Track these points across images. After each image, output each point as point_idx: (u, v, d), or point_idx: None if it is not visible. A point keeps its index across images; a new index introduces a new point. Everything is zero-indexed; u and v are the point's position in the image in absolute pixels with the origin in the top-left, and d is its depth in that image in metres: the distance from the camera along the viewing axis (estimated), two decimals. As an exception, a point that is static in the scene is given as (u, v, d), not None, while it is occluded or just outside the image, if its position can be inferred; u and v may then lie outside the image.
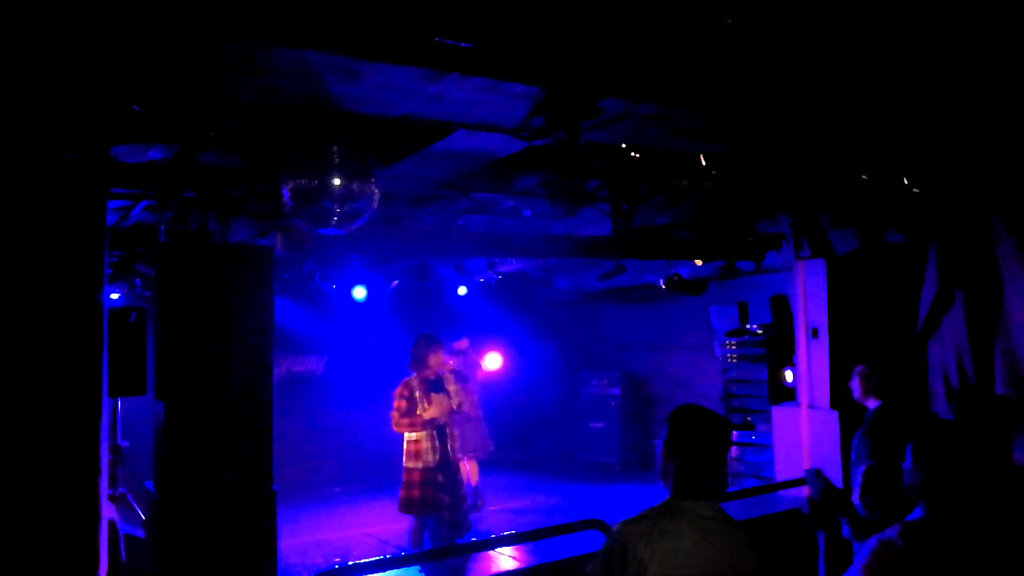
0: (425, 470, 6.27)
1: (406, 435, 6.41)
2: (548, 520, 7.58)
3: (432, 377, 6.54)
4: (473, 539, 6.11)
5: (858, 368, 5.07)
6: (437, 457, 6.32)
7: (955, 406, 3.40)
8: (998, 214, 5.87)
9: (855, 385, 5.08)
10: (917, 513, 2.43)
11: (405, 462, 6.37)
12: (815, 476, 3.16)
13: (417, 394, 6.41)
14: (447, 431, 6.48)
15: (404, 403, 6.39)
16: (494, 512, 8.58)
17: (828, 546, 3.03)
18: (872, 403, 4.98)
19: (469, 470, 8.08)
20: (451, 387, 6.64)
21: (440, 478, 6.30)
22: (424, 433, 6.32)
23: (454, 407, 6.57)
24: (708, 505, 2.49)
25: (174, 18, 2.70)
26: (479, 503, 8.12)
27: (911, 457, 2.50)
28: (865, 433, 4.90)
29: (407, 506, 6.30)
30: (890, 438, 4.68)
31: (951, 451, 2.43)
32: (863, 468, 4.81)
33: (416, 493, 6.25)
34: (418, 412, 6.32)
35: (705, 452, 2.53)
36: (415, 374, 6.54)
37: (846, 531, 3.16)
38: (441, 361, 6.69)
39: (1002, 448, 3.22)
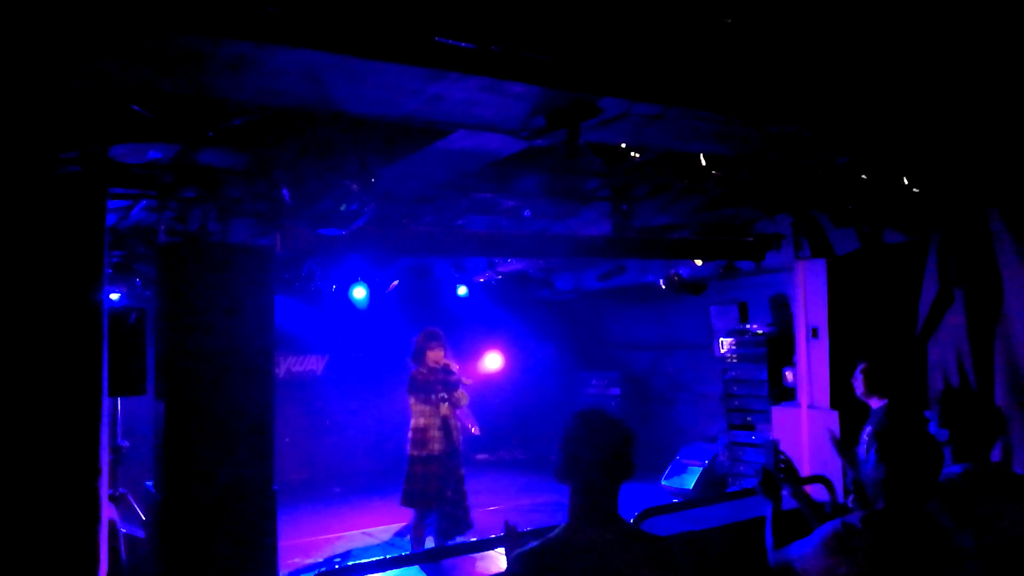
0: (430, 459, 6.35)
1: (413, 423, 6.51)
2: (549, 520, 7.56)
3: (436, 369, 6.68)
4: (473, 539, 6.12)
5: (861, 365, 5.05)
6: (442, 447, 6.41)
7: (938, 410, 3.42)
8: (998, 214, 5.87)
9: (858, 382, 5.06)
10: (879, 505, 2.61)
11: (410, 450, 6.43)
12: (772, 447, 3.24)
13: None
14: (451, 423, 6.59)
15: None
16: (495, 512, 8.57)
17: (774, 514, 3.12)
18: (875, 402, 4.95)
19: None
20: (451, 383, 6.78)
21: (443, 470, 6.37)
22: (433, 421, 6.45)
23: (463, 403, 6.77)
24: (618, 529, 2.21)
25: (174, 18, 2.70)
26: None
27: (874, 454, 2.65)
28: (876, 434, 4.86)
29: (409, 498, 6.36)
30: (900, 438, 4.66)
31: (912, 452, 2.60)
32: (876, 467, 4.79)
33: (419, 485, 6.32)
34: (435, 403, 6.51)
35: (608, 469, 2.19)
36: (417, 367, 6.70)
37: (789, 503, 3.26)
38: (439, 356, 6.77)
39: (982, 449, 3.27)
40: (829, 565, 2.51)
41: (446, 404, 6.64)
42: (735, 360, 8.84)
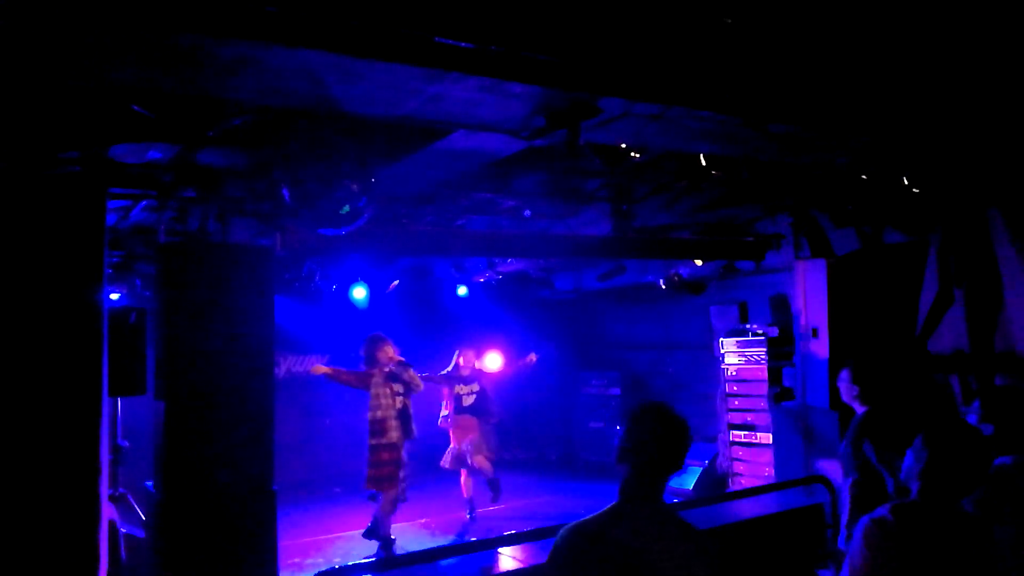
0: (389, 446, 7.23)
1: (371, 415, 7.37)
2: (549, 519, 7.58)
3: (387, 370, 7.48)
4: (473, 539, 6.13)
5: (842, 372, 5.00)
6: (399, 435, 7.31)
7: (979, 403, 3.39)
8: (998, 214, 5.87)
9: (841, 388, 5.01)
10: (910, 497, 2.59)
11: (371, 439, 7.28)
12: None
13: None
14: (408, 413, 7.48)
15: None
16: (495, 511, 8.57)
17: None
18: (859, 408, 4.88)
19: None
20: (407, 374, 7.54)
21: (401, 456, 7.30)
22: (390, 413, 7.33)
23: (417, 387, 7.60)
24: (658, 509, 2.40)
25: (174, 18, 2.70)
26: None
27: (920, 440, 2.62)
28: (848, 444, 4.79)
29: (376, 482, 7.21)
30: (875, 448, 4.57)
31: (959, 443, 2.56)
32: (848, 482, 4.72)
33: (385, 471, 7.19)
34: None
35: (664, 456, 2.38)
36: (368, 369, 7.50)
37: None
38: (392, 353, 7.52)
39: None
40: (868, 560, 2.49)
41: (401, 398, 7.47)
42: (735, 360, 8.84)
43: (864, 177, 5.77)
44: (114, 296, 7.84)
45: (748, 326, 8.88)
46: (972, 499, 2.69)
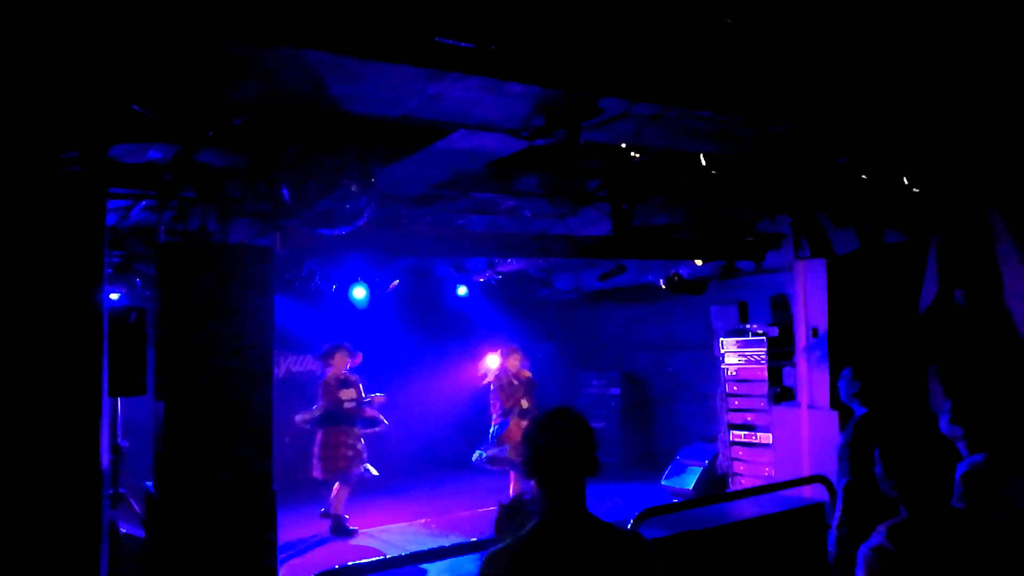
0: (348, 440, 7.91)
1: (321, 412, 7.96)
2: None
3: (341, 376, 8.17)
4: (473, 539, 6.12)
5: (844, 371, 4.98)
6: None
7: (951, 405, 3.43)
8: (998, 213, 5.87)
9: (841, 387, 4.99)
10: (901, 515, 2.53)
11: (335, 435, 7.89)
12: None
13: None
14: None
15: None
16: (495, 512, 8.56)
17: None
18: (858, 409, 4.87)
19: None
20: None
21: (359, 446, 7.94)
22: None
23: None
24: (582, 522, 2.20)
25: (174, 18, 2.70)
26: None
27: (880, 464, 2.59)
28: (845, 444, 4.78)
29: (336, 470, 7.80)
30: (870, 451, 4.53)
31: (917, 457, 2.53)
32: (843, 483, 4.71)
33: (343, 463, 7.81)
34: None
35: (565, 463, 2.20)
36: (331, 371, 8.15)
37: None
38: (342, 362, 8.16)
39: (1002, 443, 3.26)
40: None
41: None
42: (735, 360, 8.84)
43: (864, 177, 5.77)
44: (114, 296, 7.84)
45: (748, 326, 8.88)
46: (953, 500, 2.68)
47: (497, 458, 8.27)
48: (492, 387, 8.51)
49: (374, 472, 8.12)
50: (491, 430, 8.43)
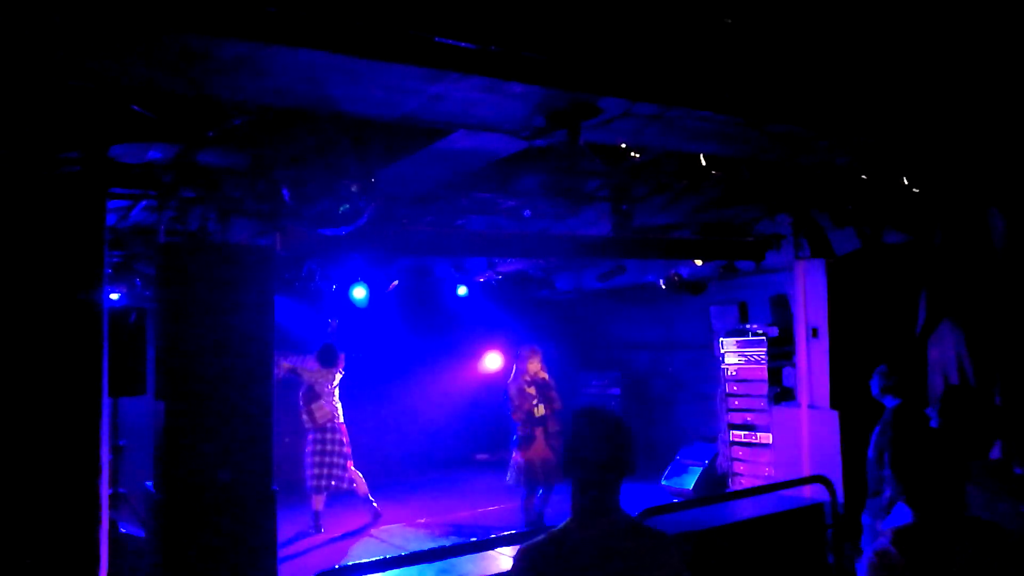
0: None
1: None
2: (549, 520, 7.58)
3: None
4: (473, 539, 6.13)
5: (879, 368, 5.11)
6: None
7: (939, 407, 3.45)
8: (998, 213, 5.87)
9: (874, 383, 5.10)
10: (907, 519, 2.45)
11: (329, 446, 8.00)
12: None
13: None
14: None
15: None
16: (495, 512, 8.58)
17: None
18: (890, 402, 4.99)
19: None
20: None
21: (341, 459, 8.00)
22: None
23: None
24: (614, 522, 2.24)
25: (175, 18, 2.70)
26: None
27: (888, 468, 2.52)
28: (883, 436, 4.89)
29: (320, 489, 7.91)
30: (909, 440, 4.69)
31: (925, 461, 2.45)
32: (887, 474, 4.77)
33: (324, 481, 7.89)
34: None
35: (605, 464, 2.22)
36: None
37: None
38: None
39: (982, 448, 3.26)
40: None
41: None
42: (735, 360, 8.84)
43: (864, 177, 5.77)
44: (114, 296, 7.84)
45: (748, 326, 8.88)
46: None
47: (513, 473, 7.74)
48: (509, 392, 7.92)
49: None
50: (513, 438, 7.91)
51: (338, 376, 8.32)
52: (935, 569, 2.32)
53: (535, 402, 7.73)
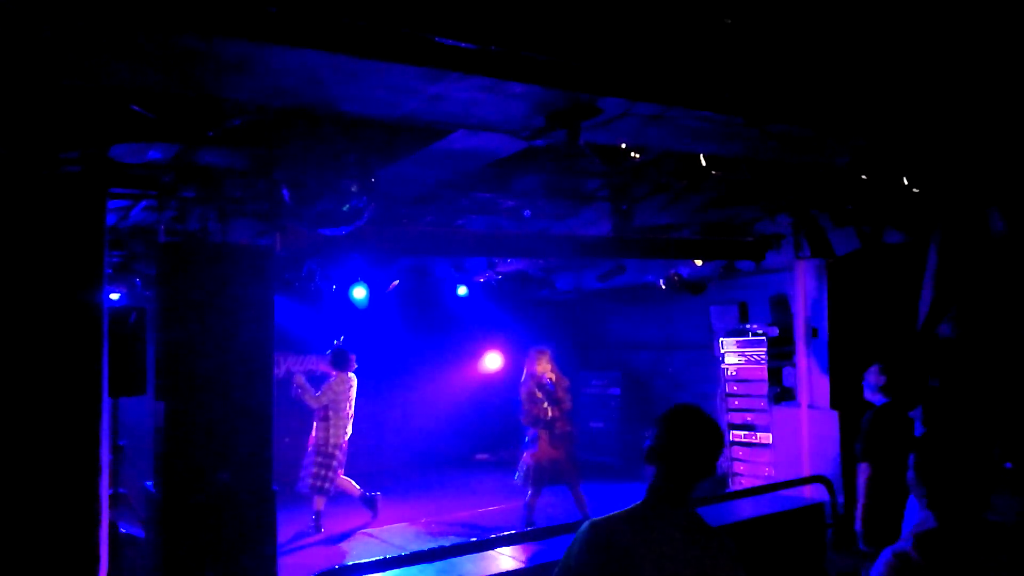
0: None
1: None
2: (549, 519, 7.58)
3: None
4: (473, 539, 6.13)
5: (872, 367, 5.12)
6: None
7: (923, 415, 3.42)
8: (998, 213, 5.87)
9: (867, 382, 5.12)
10: (928, 523, 2.40)
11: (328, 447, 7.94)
12: None
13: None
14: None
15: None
16: (495, 512, 8.57)
17: None
18: (879, 400, 5.01)
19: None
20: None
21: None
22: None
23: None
24: (687, 514, 2.39)
25: (175, 18, 2.70)
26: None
27: (912, 470, 2.48)
28: (863, 433, 4.94)
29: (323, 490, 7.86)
30: (886, 438, 4.73)
31: (953, 465, 2.41)
32: (859, 467, 4.87)
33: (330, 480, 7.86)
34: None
35: (695, 461, 2.38)
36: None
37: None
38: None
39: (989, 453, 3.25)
40: None
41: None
42: (735, 360, 8.85)
43: (864, 177, 5.76)
44: (114, 296, 7.85)
45: (748, 326, 8.88)
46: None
47: (522, 476, 7.59)
48: (520, 395, 7.78)
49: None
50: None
51: (355, 382, 8.27)
52: (956, 575, 2.28)
53: (544, 405, 7.62)
